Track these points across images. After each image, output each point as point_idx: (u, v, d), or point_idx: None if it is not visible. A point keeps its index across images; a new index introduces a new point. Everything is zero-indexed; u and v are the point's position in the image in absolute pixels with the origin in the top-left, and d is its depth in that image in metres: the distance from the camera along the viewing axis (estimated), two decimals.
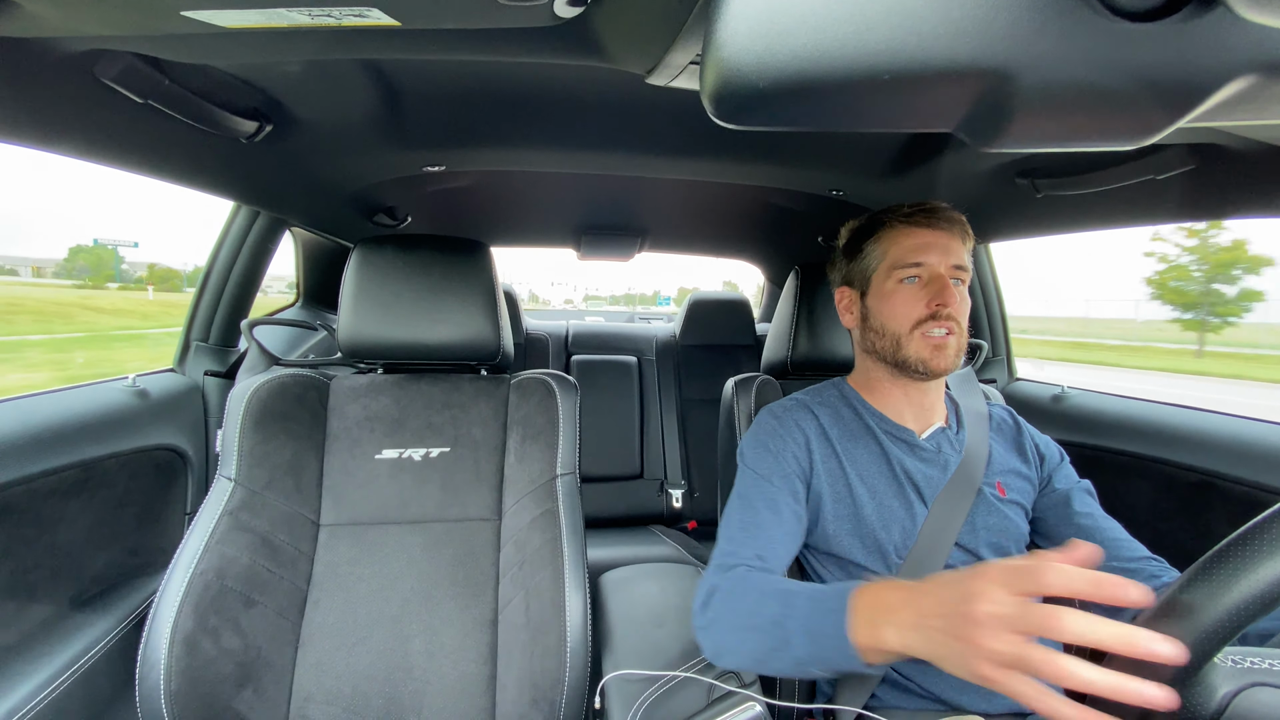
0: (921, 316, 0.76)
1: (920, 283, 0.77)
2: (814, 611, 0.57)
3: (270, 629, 0.80)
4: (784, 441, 0.80)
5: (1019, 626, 0.40)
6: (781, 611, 0.59)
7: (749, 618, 0.62)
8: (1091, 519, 0.78)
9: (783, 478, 0.77)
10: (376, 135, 1.01)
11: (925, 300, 0.76)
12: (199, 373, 1.22)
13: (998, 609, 0.42)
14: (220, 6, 0.48)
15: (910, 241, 0.78)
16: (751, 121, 0.32)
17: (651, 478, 1.94)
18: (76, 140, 0.74)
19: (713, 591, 0.69)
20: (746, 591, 0.65)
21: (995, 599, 0.42)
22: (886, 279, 0.79)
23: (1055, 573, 0.40)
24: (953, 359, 0.76)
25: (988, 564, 0.45)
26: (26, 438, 0.81)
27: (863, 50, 0.26)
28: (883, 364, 0.81)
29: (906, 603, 0.50)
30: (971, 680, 0.43)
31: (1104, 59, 0.27)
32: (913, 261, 0.77)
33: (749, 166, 1.22)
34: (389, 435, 0.95)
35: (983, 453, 0.80)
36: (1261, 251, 19.87)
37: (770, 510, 0.75)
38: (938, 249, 0.77)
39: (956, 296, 0.76)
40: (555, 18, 0.51)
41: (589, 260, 2.13)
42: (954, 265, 0.77)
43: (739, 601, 0.65)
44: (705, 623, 0.68)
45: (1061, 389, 1.35)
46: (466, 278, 0.96)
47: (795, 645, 0.57)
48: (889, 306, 0.79)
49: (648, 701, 0.71)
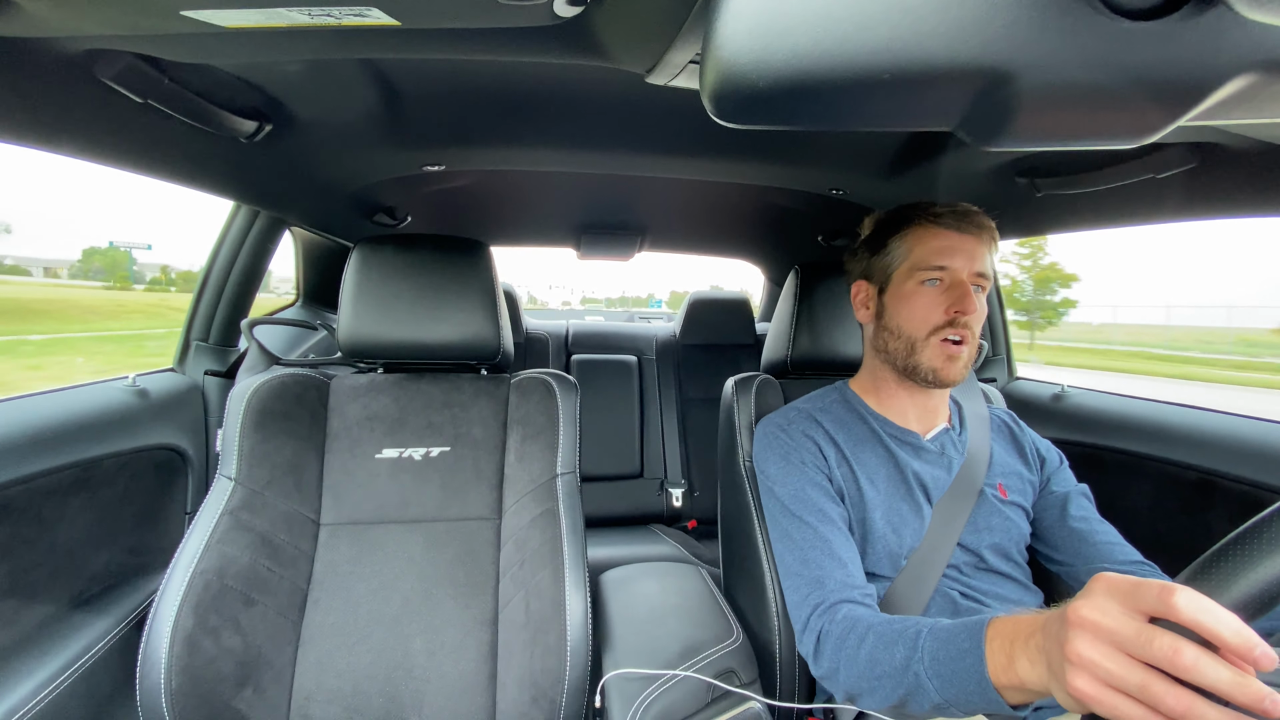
0: (939, 323, 0.75)
1: (942, 286, 0.75)
2: (945, 653, 0.52)
3: (270, 628, 0.80)
4: (800, 452, 0.79)
5: (1124, 642, 0.36)
6: (907, 655, 0.55)
7: (873, 665, 0.58)
8: (1086, 522, 0.79)
9: (815, 486, 0.76)
10: (376, 135, 1.01)
11: (945, 306, 0.74)
12: (199, 372, 1.22)
13: (1100, 616, 0.37)
14: (220, 6, 0.48)
15: (937, 243, 0.76)
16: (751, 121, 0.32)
17: (651, 477, 1.94)
18: (76, 140, 0.74)
19: (822, 637, 0.65)
20: (864, 636, 0.60)
21: (1100, 606, 0.38)
22: (908, 279, 0.77)
23: (1188, 599, 0.34)
24: (963, 370, 0.75)
25: (1116, 577, 0.39)
26: (26, 437, 0.81)
27: (862, 49, 0.26)
28: (891, 366, 0.81)
29: (1037, 627, 0.44)
30: (1071, 706, 0.38)
31: (1104, 58, 0.27)
32: (937, 264, 0.75)
33: (749, 166, 1.22)
34: (389, 435, 0.95)
35: (984, 453, 0.80)
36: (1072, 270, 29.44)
37: (825, 524, 0.73)
38: (964, 254, 0.75)
39: (975, 304, 0.74)
40: (555, 17, 0.51)
41: (589, 259, 2.13)
42: (977, 272, 0.75)
43: (858, 648, 0.60)
44: (825, 672, 0.64)
45: (1061, 388, 1.35)
46: (466, 277, 0.96)
47: (930, 690, 0.52)
48: (907, 308, 0.77)
49: (648, 700, 0.71)
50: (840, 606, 0.66)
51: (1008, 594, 0.76)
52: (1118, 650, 0.36)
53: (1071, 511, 0.80)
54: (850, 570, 0.70)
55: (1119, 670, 0.36)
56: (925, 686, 0.53)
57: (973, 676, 0.48)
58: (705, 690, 0.73)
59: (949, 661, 0.51)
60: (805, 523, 0.74)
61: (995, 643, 0.48)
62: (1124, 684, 0.35)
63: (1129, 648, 0.36)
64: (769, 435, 0.83)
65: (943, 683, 0.51)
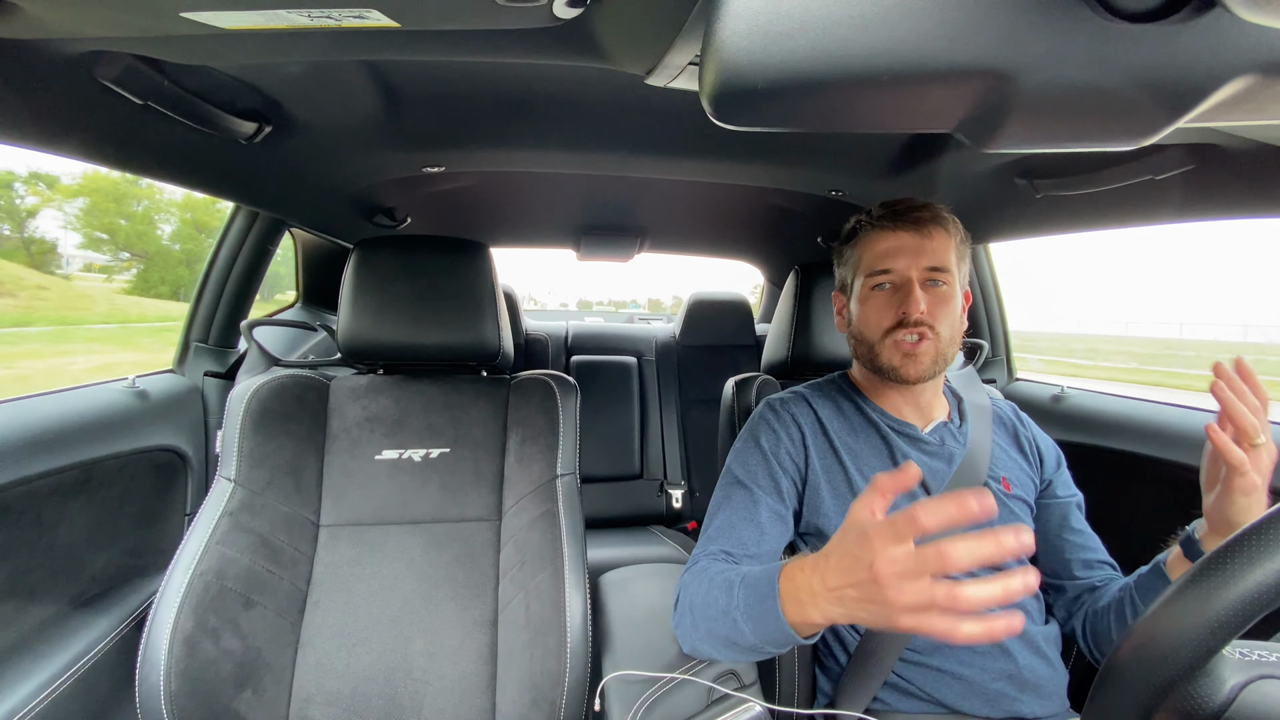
0: (889, 324, 0.75)
1: (891, 289, 0.76)
2: (751, 598, 0.58)
3: (270, 630, 0.80)
4: (778, 437, 0.80)
5: (919, 572, 0.43)
6: (727, 601, 0.61)
7: (705, 609, 0.64)
8: (1082, 536, 0.80)
9: (767, 475, 0.77)
10: (376, 136, 1.01)
11: (894, 307, 0.75)
12: (199, 373, 1.22)
13: (897, 566, 0.43)
14: (220, 8, 0.48)
15: (879, 247, 0.76)
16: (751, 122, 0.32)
17: (651, 478, 1.94)
18: (76, 141, 0.74)
19: (681, 589, 0.70)
20: (701, 584, 0.67)
21: (891, 556, 0.44)
22: (862, 285, 0.79)
23: (926, 510, 0.42)
24: (928, 366, 0.74)
25: (864, 523, 0.46)
26: (27, 438, 0.80)
27: (862, 50, 0.26)
28: (867, 368, 0.82)
29: (818, 582, 0.51)
30: (897, 630, 0.46)
31: (1103, 60, 0.27)
32: (881, 269, 0.76)
33: (749, 167, 1.22)
34: (389, 436, 0.95)
35: (986, 446, 0.80)
36: None
37: (746, 509, 0.75)
38: (906, 252, 0.75)
39: (929, 300, 0.74)
40: (555, 19, 0.51)
41: (589, 260, 2.13)
42: (928, 267, 0.75)
43: (696, 595, 0.66)
44: (676, 621, 0.69)
45: (1061, 389, 1.35)
46: (466, 278, 0.96)
47: (745, 632, 0.59)
48: (863, 313, 0.78)
49: (648, 702, 0.71)
50: (699, 563, 0.71)
51: None
52: (916, 578, 0.43)
53: (1073, 524, 0.80)
54: (738, 548, 0.72)
55: (924, 594, 0.43)
56: (741, 628, 0.59)
57: (775, 621, 0.55)
58: (705, 693, 0.73)
59: (755, 604, 0.58)
60: (731, 506, 0.76)
61: (785, 589, 0.55)
62: (932, 600, 0.42)
63: (917, 572, 0.43)
64: (760, 414, 0.84)
65: (752, 624, 0.58)
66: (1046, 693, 0.71)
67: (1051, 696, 0.71)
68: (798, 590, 0.54)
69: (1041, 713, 0.70)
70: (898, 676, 0.71)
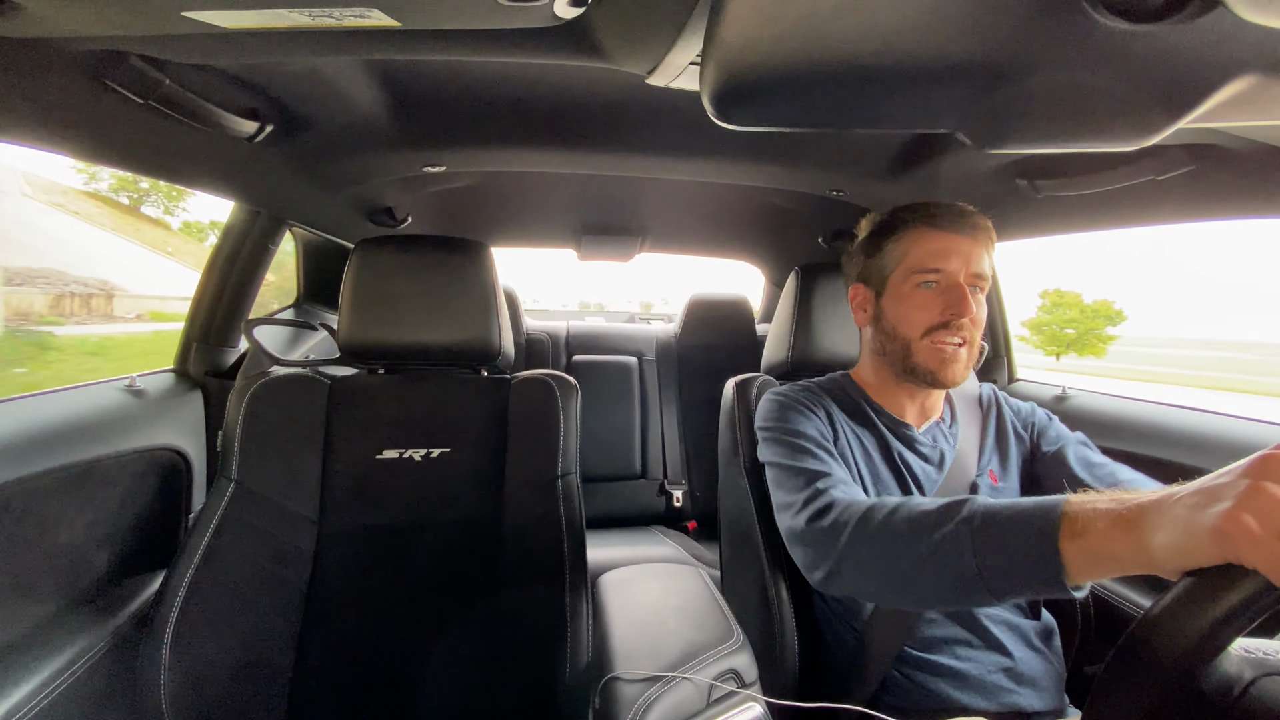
0: (934, 323, 0.74)
1: (938, 289, 0.75)
2: (1004, 529, 0.48)
3: (270, 629, 0.80)
4: (808, 411, 0.79)
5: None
6: (943, 514, 0.52)
7: (893, 544, 0.55)
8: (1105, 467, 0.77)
9: (820, 434, 0.76)
10: (376, 135, 1.01)
11: (940, 307, 0.74)
12: (199, 373, 1.22)
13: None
14: (221, 7, 0.48)
15: (932, 245, 0.75)
16: (752, 122, 0.32)
17: (652, 478, 1.94)
18: (78, 140, 0.74)
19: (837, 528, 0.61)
20: (879, 515, 0.57)
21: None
22: (904, 282, 0.77)
23: None
24: (963, 371, 0.75)
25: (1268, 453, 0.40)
26: (27, 438, 0.80)
27: (864, 51, 0.26)
28: (891, 368, 0.81)
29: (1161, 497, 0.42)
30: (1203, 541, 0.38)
31: (1105, 60, 0.27)
32: (933, 267, 0.75)
33: (749, 166, 1.22)
34: (389, 436, 0.95)
35: (975, 443, 0.81)
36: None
37: (829, 458, 0.73)
38: (960, 255, 0.74)
39: (973, 306, 0.74)
40: (555, 18, 0.51)
41: (589, 260, 2.13)
42: (974, 273, 0.75)
43: (873, 522, 0.57)
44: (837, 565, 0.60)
45: (1062, 389, 1.35)
46: (466, 278, 0.96)
47: (966, 566, 0.49)
48: (902, 310, 0.77)
49: (648, 702, 0.71)
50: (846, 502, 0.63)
51: None
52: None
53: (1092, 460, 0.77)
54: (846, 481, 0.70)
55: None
56: (962, 547, 0.49)
57: (1036, 559, 0.45)
58: (705, 692, 0.73)
59: (1015, 535, 0.47)
60: (810, 452, 0.73)
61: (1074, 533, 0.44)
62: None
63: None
64: (776, 397, 0.83)
65: (988, 544, 0.48)
66: (1043, 686, 0.71)
67: (1048, 690, 0.71)
68: (1101, 518, 0.43)
69: (1040, 706, 0.70)
70: (896, 672, 0.72)
